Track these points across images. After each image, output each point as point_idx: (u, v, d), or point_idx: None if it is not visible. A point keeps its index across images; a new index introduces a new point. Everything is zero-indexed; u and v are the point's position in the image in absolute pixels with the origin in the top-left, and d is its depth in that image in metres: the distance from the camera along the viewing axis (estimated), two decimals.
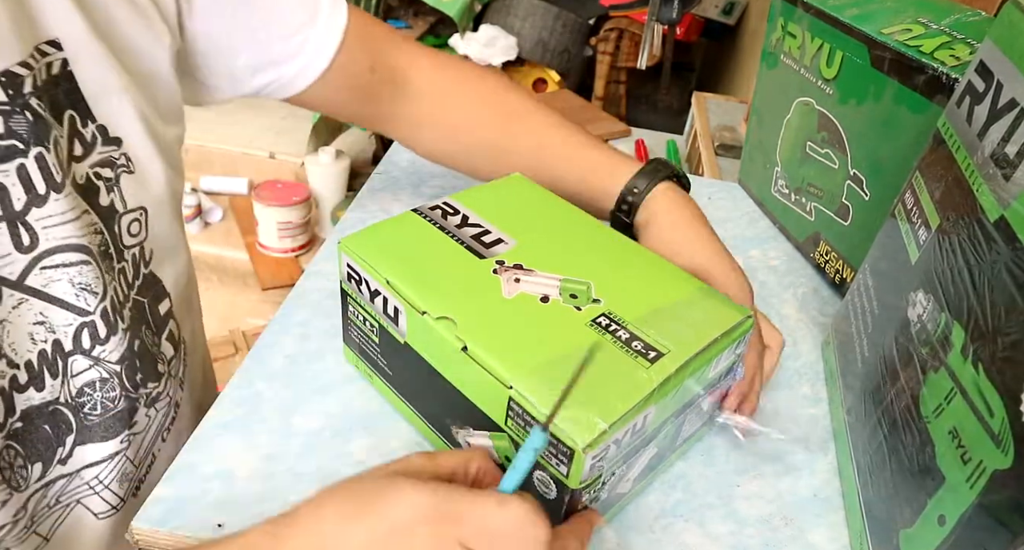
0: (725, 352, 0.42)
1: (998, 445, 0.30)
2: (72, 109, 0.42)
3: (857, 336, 0.52)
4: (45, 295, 0.42)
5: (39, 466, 0.44)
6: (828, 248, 0.68)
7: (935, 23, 0.57)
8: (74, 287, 0.43)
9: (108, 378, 0.46)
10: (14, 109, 0.39)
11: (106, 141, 0.45)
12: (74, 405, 0.45)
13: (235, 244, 2.04)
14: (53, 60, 0.41)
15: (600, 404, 0.36)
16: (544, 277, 0.44)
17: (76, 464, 0.46)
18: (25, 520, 0.44)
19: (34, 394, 0.43)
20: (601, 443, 0.35)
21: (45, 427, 0.43)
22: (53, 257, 0.42)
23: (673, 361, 0.39)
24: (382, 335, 0.46)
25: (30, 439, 0.43)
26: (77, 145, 0.43)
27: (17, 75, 0.39)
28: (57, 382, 0.44)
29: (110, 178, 0.45)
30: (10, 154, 0.39)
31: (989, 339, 0.33)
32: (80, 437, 0.46)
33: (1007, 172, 0.35)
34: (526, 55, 2.14)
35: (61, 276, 0.42)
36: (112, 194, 0.45)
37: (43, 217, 0.41)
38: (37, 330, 0.42)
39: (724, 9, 2.08)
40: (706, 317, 0.42)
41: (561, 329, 0.40)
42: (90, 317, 0.44)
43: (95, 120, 0.44)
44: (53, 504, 0.46)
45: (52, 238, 0.41)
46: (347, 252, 0.45)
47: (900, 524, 0.38)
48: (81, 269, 0.43)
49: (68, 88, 0.42)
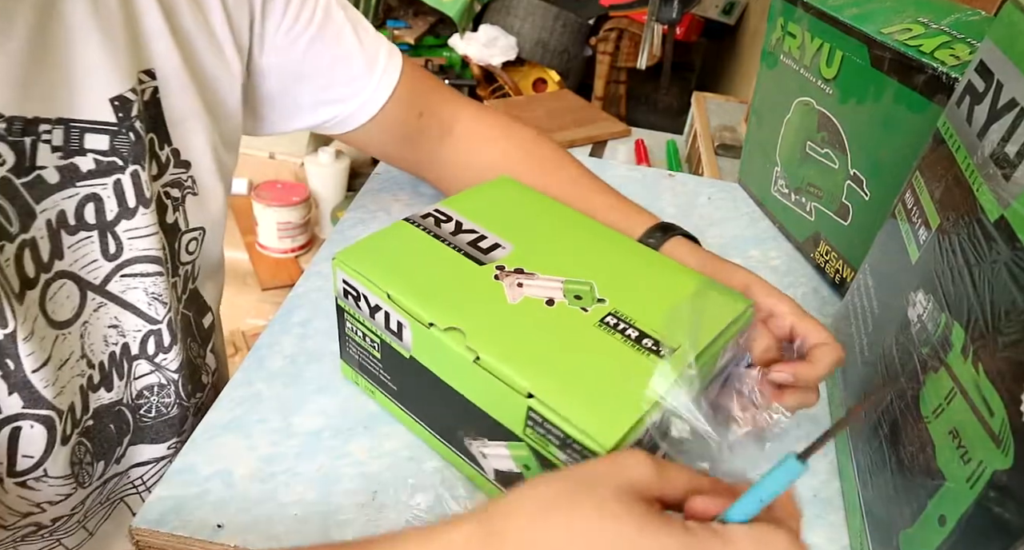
0: (730, 343, 0.42)
1: (998, 445, 0.30)
2: (154, 132, 0.46)
3: (857, 336, 0.52)
4: (121, 301, 0.45)
5: (102, 464, 0.47)
6: (828, 248, 0.68)
7: (935, 23, 0.57)
8: (147, 296, 0.46)
9: (165, 385, 0.49)
10: (121, 130, 0.42)
11: (177, 164, 0.48)
12: (133, 406, 0.48)
13: (235, 244, 2.04)
14: (147, 87, 0.45)
15: (620, 404, 0.36)
16: (546, 280, 0.43)
17: (127, 463, 0.49)
18: (79, 515, 0.46)
19: (104, 394, 0.45)
20: (626, 444, 0.35)
21: (110, 426, 0.46)
22: (133, 267, 0.45)
23: (685, 356, 0.39)
24: (384, 350, 0.45)
25: (98, 437, 0.46)
26: (154, 165, 0.46)
27: (128, 99, 0.42)
28: (122, 384, 0.47)
29: (177, 198, 0.48)
30: (111, 170, 0.42)
31: (989, 339, 0.33)
32: (134, 437, 0.48)
33: (1007, 172, 0.35)
34: (526, 55, 2.14)
35: (138, 285, 0.45)
36: (177, 213, 0.49)
37: (130, 229, 0.44)
38: (111, 333, 0.45)
39: (724, 9, 2.08)
40: (709, 310, 0.43)
41: (571, 332, 0.40)
42: (158, 325, 0.47)
43: (171, 143, 0.47)
44: (104, 501, 0.48)
45: (134, 249, 0.45)
46: (343, 268, 0.44)
47: (900, 524, 0.38)
48: (155, 280, 0.46)
49: (155, 113, 0.45)
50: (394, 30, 2.34)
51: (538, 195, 0.52)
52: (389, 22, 2.39)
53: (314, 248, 2.03)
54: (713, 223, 0.75)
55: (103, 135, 0.42)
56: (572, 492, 0.29)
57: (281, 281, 1.95)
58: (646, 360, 0.39)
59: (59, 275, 0.41)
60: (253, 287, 1.99)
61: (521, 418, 0.37)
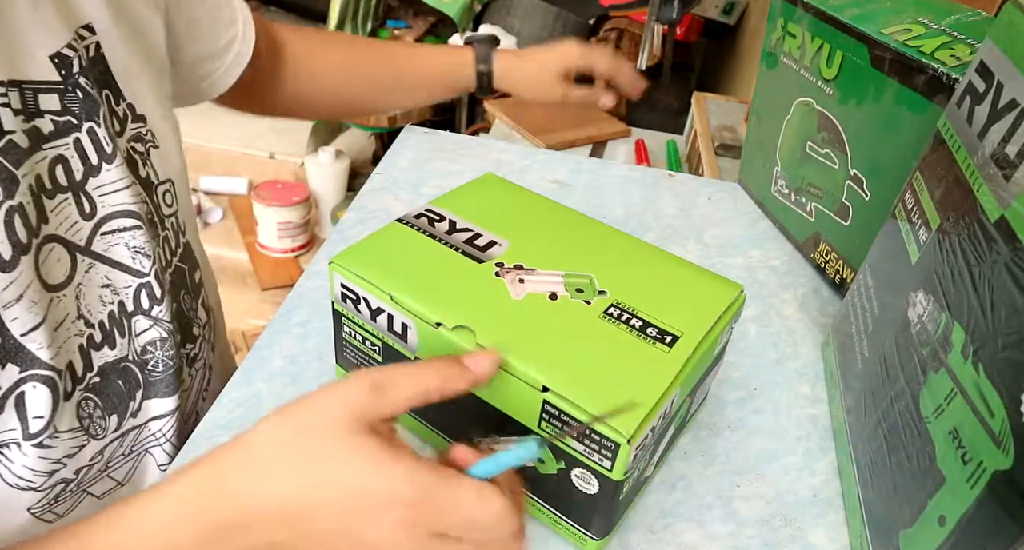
0: (727, 328, 0.43)
1: (998, 445, 0.30)
2: (107, 88, 0.46)
3: (857, 336, 0.52)
4: (108, 259, 0.46)
5: (115, 418, 0.47)
6: (828, 248, 0.68)
7: (935, 23, 0.57)
8: (130, 251, 0.47)
9: (166, 337, 0.50)
10: (67, 87, 0.43)
11: (135, 118, 0.49)
12: (140, 362, 0.49)
13: (235, 244, 2.04)
14: (89, 43, 0.45)
15: (634, 392, 0.37)
16: (547, 275, 0.44)
17: (144, 416, 0.50)
18: (100, 465, 0.47)
19: (108, 352, 0.46)
20: (642, 433, 0.36)
21: (118, 382, 0.47)
22: (110, 223, 0.45)
23: (689, 343, 0.40)
24: (386, 353, 0.45)
25: (106, 392, 0.46)
26: (115, 122, 0.46)
27: (67, 56, 0.42)
28: (125, 340, 0.47)
29: (142, 152, 0.49)
30: (68, 129, 0.43)
31: (989, 339, 0.33)
32: (147, 392, 0.50)
33: (1007, 172, 0.35)
34: None
35: (118, 240, 0.46)
36: (147, 167, 0.49)
37: (98, 186, 0.44)
38: (105, 293, 0.46)
39: (724, 9, 2.08)
40: (705, 296, 0.44)
41: (577, 324, 0.41)
42: (146, 278, 0.48)
43: (125, 99, 0.48)
44: (128, 453, 0.50)
45: (107, 205, 0.45)
46: (341, 271, 0.43)
47: (900, 524, 0.38)
48: (134, 233, 0.47)
49: (102, 69, 0.46)
50: (394, 30, 2.34)
51: (525, 191, 0.53)
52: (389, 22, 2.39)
53: (314, 248, 2.03)
54: (713, 223, 0.75)
55: (53, 95, 0.42)
56: (303, 440, 0.31)
57: (281, 281, 1.95)
58: (653, 348, 0.40)
59: (47, 239, 0.42)
60: (253, 287, 1.99)
61: (535, 412, 0.38)
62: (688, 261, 0.47)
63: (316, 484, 0.30)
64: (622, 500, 0.40)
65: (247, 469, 0.31)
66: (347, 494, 0.30)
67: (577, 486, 0.39)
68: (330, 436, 0.30)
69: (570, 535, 0.42)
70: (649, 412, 0.36)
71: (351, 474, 0.30)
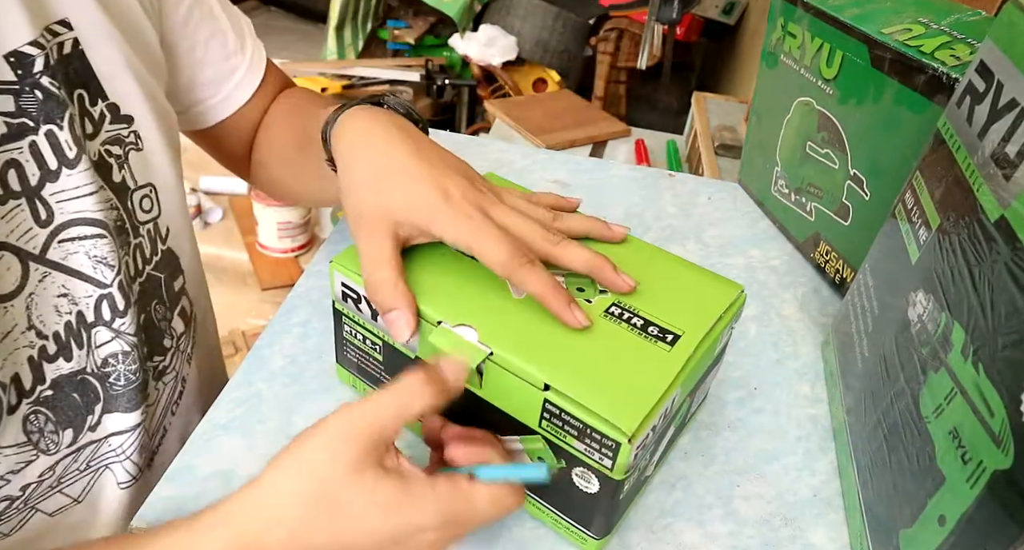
0: (727, 328, 0.43)
1: (998, 445, 0.30)
2: (83, 88, 0.44)
3: (857, 336, 0.52)
4: (65, 268, 0.44)
5: (70, 432, 0.46)
6: (828, 248, 0.68)
7: (935, 23, 0.57)
8: (90, 259, 0.45)
9: (129, 351, 0.48)
10: (24, 88, 0.40)
11: (116, 119, 0.46)
12: (100, 375, 0.47)
13: (235, 244, 2.04)
14: (65, 39, 0.42)
15: (636, 390, 0.37)
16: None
17: (103, 431, 0.48)
18: (51, 481, 0.46)
19: (63, 364, 0.44)
20: (643, 431, 0.36)
21: (74, 395, 0.45)
22: (69, 230, 0.43)
23: (690, 342, 0.40)
24: (387, 352, 0.45)
25: (60, 406, 0.45)
26: (87, 123, 0.44)
27: (27, 55, 0.40)
28: (83, 353, 0.45)
29: (119, 155, 0.47)
30: (22, 132, 0.41)
31: (989, 339, 0.33)
32: (107, 406, 0.48)
33: (1007, 172, 0.35)
34: (526, 55, 2.14)
35: (78, 249, 0.44)
36: (123, 171, 0.47)
37: (56, 191, 0.42)
38: (61, 302, 0.44)
39: (724, 9, 2.08)
40: (705, 296, 0.44)
41: None
42: (108, 290, 0.46)
43: (107, 98, 0.45)
44: (84, 468, 0.48)
45: (66, 212, 0.43)
46: (341, 270, 0.43)
47: (900, 524, 0.38)
48: (96, 242, 0.44)
49: (80, 67, 0.44)
50: (394, 30, 2.34)
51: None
52: (389, 22, 2.39)
53: (314, 248, 2.03)
54: (713, 223, 0.75)
55: (7, 95, 0.40)
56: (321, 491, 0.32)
57: (281, 281, 1.95)
58: (654, 347, 0.40)
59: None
60: (253, 287, 1.99)
61: (536, 411, 0.38)
62: (689, 261, 0.47)
63: (347, 532, 0.32)
64: (623, 499, 0.40)
65: (276, 533, 0.32)
66: (379, 536, 0.32)
67: (578, 485, 0.39)
68: (350, 489, 0.32)
69: (570, 534, 0.42)
70: (650, 411, 0.36)
71: (377, 519, 0.32)
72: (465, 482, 0.34)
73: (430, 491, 0.33)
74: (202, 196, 2.09)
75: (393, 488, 0.32)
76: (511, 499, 0.35)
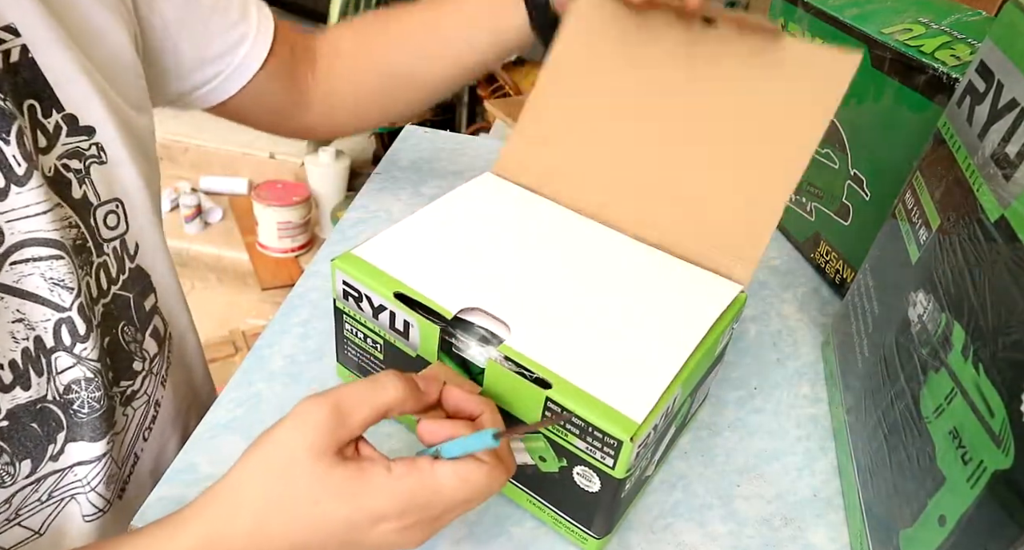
0: (727, 328, 0.43)
1: (998, 445, 0.30)
2: (34, 98, 0.41)
3: (857, 336, 0.52)
4: (19, 291, 0.41)
5: (28, 463, 0.43)
6: (828, 248, 0.68)
7: (935, 23, 0.57)
8: (47, 282, 0.42)
9: (92, 377, 0.45)
10: None
11: (75, 131, 0.43)
12: (62, 403, 0.44)
13: (235, 244, 2.04)
14: (11, 46, 0.39)
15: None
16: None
17: (67, 461, 0.46)
18: (8, 513, 0.43)
19: (20, 393, 0.42)
20: (644, 431, 0.36)
21: (33, 425, 0.43)
22: (22, 251, 0.40)
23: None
24: (388, 351, 0.45)
25: (17, 437, 0.42)
26: (40, 137, 0.41)
27: None
28: (43, 380, 0.43)
29: (79, 169, 0.44)
30: None
31: (989, 339, 0.33)
32: (71, 434, 0.45)
33: (1007, 172, 0.35)
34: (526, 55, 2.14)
35: (32, 271, 0.41)
36: (84, 186, 0.44)
37: (5, 211, 0.39)
38: (17, 328, 0.41)
39: None
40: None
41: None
42: (67, 313, 0.43)
43: (62, 109, 0.43)
44: (46, 499, 0.45)
45: (17, 232, 0.40)
46: (343, 269, 0.43)
47: (900, 524, 0.38)
48: (52, 264, 0.41)
49: (30, 76, 0.41)
50: None
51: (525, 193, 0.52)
52: None
53: (314, 248, 2.03)
54: None
55: None
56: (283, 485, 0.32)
57: (281, 281, 1.95)
58: None
59: None
60: (253, 287, 1.99)
61: (538, 410, 0.38)
62: (690, 264, 0.47)
63: (301, 518, 0.32)
64: (623, 498, 0.40)
65: (240, 522, 0.32)
66: (334, 525, 0.32)
67: (579, 484, 0.39)
68: (305, 475, 0.32)
69: (571, 533, 0.42)
70: (652, 410, 0.36)
71: (331, 506, 0.32)
72: (425, 462, 0.33)
73: (384, 474, 0.32)
74: (202, 196, 2.09)
75: (346, 474, 0.32)
76: (479, 475, 0.33)
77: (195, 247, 2.03)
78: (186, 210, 2.01)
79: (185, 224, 2.03)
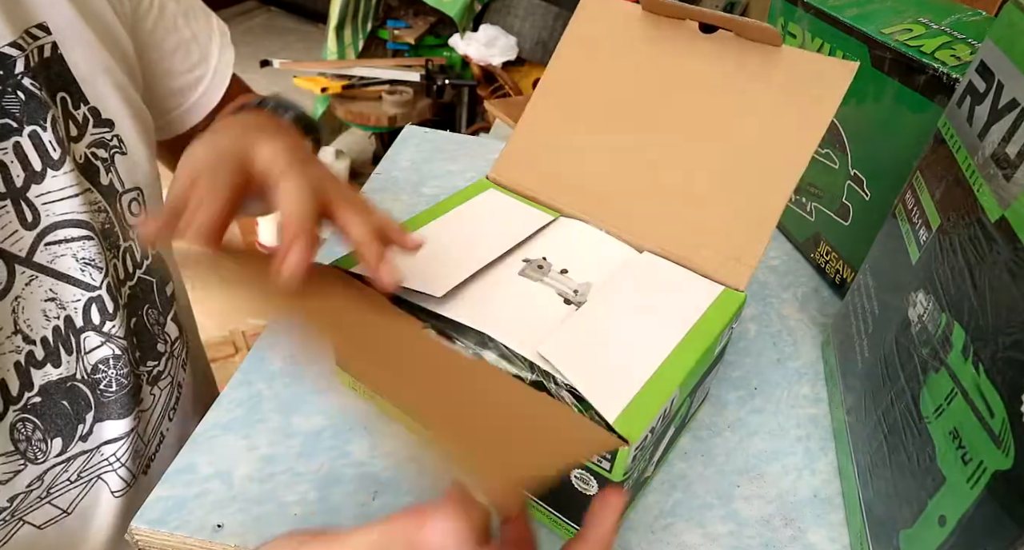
0: (727, 328, 0.43)
1: (998, 445, 0.30)
2: (64, 91, 0.44)
3: (857, 336, 0.52)
4: (52, 271, 0.43)
5: (59, 441, 0.45)
6: (828, 248, 0.68)
7: (935, 23, 0.57)
8: (78, 262, 0.44)
9: (120, 354, 0.47)
10: (6, 89, 0.40)
11: (99, 123, 0.46)
12: (91, 382, 0.46)
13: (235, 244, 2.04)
14: (44, 43, 0.43)
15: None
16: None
17: (96, 440, 0.48)
18: (40, 491, 0.45)
19: (51, 370, 0.44)
20: (641, 433, 0.36)
21: (63, 403, 0.45)
22: (56, 233, 0.43)
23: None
24: None
25: (48, 414, 0.44)
26: (72, 126, 0.44)
27: (8, 56, 0.40)
28: (72, 358, 0.45)
29: (106, 159, 0.47)
30: (5, 133, 0.41)
31: (989, 339, 0.33)
32: (99, 414, 0.47)
33: (1008, 172, 0.35)
34: (526, 55, 2.14)
35: (65, 251, 0.44)
36: (110, 174, 0.47)
37: (42, 193, 0.42)
38: (49, 306, 0.44)
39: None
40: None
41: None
42: (97, 292, 0.46)
43: (88, 102, 0.46)
44: (75, 479, 0.47)
45: (52, 214, 0.43)
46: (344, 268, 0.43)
47: (900, 524, 0.38)
48: (83, 244, 0.44)
49: (60, 70, 0.44)
50: (394, 30, 2.34)
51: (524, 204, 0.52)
52: (389, 22, 2.39)
53: None
54: None
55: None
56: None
57: None
58: None
59: None
60: None
61: None
62: (688, 270, 0.47)
63: None
64: None
65: None
66: None
67: (576, 487, 0.39)
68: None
69: (570, 534, 0.42)
70: (648, 414, 0.36)
71: None
72: None
73: None
74: None
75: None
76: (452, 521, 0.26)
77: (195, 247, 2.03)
78: None
79: None
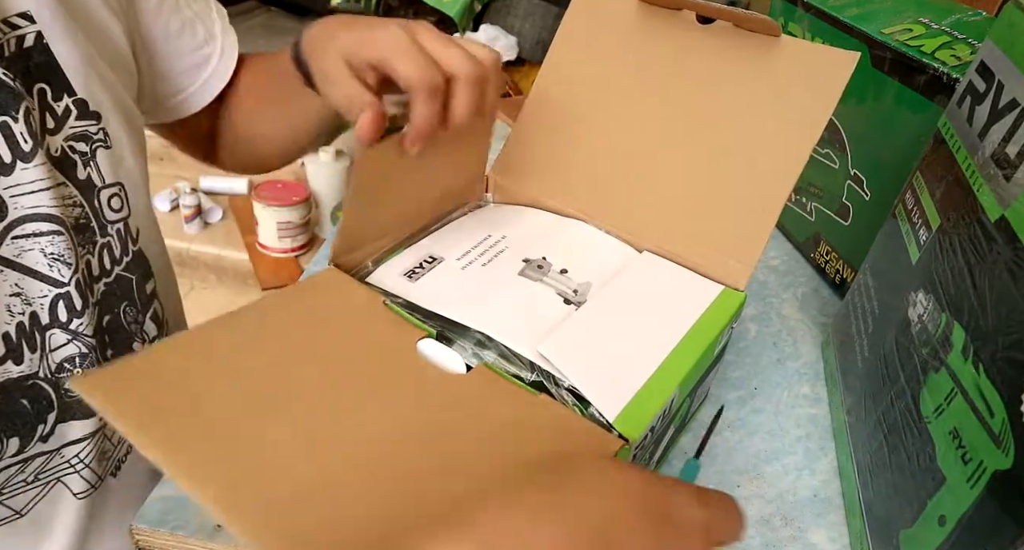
0: (727, 328, 0.43)
1: (998, 445, 0.30)
2: (45, 82, 0.43)
3: (857, 336, 0.52)
4: (19, 266, 0.42)
5: (15, 441, 0.43)
6: (828, 248, 0.68)
7: (936, 23, 0.57)
8: (46, 257, 0.43)
9: (87, 353, 0.46)
10: None
11: (84, 115, 0.45)
12: (54, 381, 0.44)
13: (235, 244, 2.04)
14: (26, 32, 0.42)
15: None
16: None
17: (57, 442, 0.46)
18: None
19: (12, 367, 0.42)
20: (641, 433, 0.36)
21: (23, 401, 0.43)
22: (24, 226, 0.42)
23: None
24: None
25: (6, 413, 0.42)
26: (48, 118, 0.43)
27: None
28: (36, 356, 0.43)
29: (85, 152, 0.46)
30: None
31: (989, 339, 0.33)
32: (62, 414, 0.45)
33: (1008, 172, 0.35)
34: (526, 55, 2.14)
35: (32, 246, 0.42)
36: (89, 168, 0.46)
37: (10, 186, 0.41)
38: (14, 302, 0.42)
39: None
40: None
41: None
42: (65, 289, 0.44)
43: (74, 93, 0.45)
44: (32, 481, 0.45)
45: (20, 207, 0.42)
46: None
47: (900, 524, 0.38)
48: (52, 239, 0.43)
49: (44, 61, 0.43)
50: None
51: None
52: None
53: (314, 248, 2.03)
54: None
55: None
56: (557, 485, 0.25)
57: (281, 281, 1.95)
58: None
59: None
60: (253, 287, 1.99)
61: None
62: (689, 272, 0.46)
63: None
64: None
65: None
66: None
67: None
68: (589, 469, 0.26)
69: None
70: (648, 414, 0.36)
71: None
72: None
73: None
74: (202, 196, 2.09)
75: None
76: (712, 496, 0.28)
77: (195, 247, 2.03)
78: (186, 210, 2.01)
79: (185, 224, 2.03)
